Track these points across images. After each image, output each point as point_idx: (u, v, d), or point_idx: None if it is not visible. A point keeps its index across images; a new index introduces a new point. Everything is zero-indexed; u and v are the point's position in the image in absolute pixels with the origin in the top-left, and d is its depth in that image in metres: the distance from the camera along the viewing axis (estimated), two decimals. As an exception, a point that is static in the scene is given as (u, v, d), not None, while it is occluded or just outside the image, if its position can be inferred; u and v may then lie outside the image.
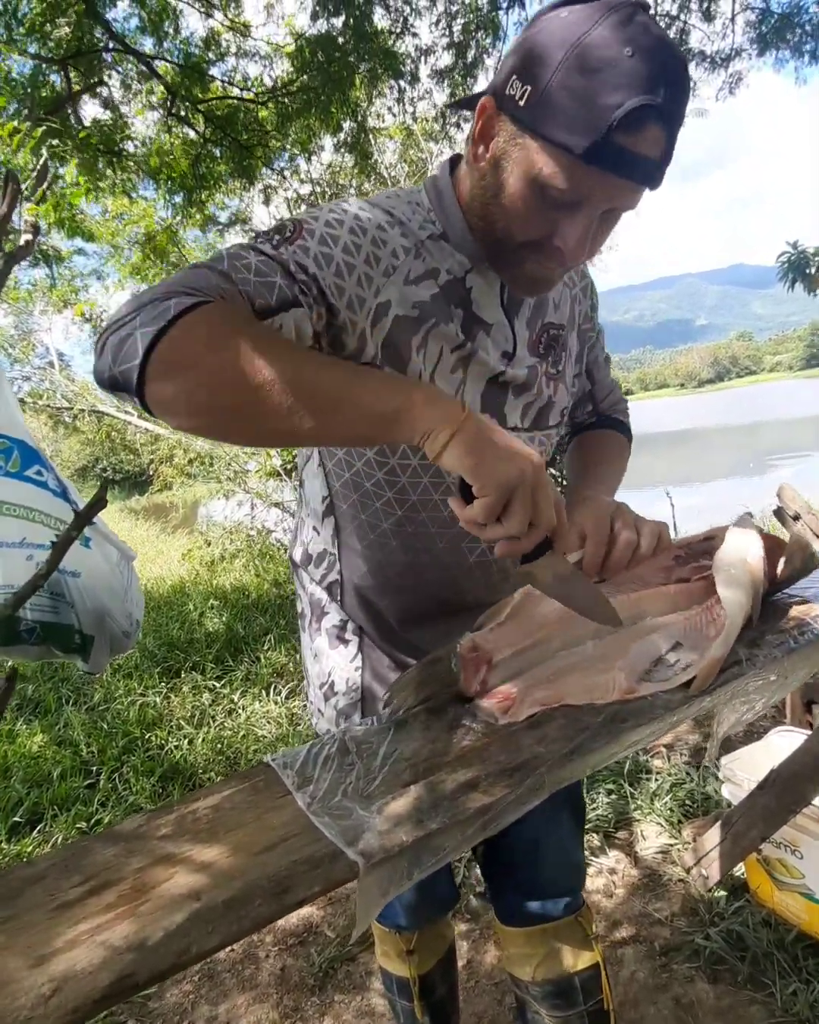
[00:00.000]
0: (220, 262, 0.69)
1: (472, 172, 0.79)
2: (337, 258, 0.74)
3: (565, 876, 1.05)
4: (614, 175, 0.68)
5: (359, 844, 0.53)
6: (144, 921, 0.48)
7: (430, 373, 0.82)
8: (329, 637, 1.01)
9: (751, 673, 0.73)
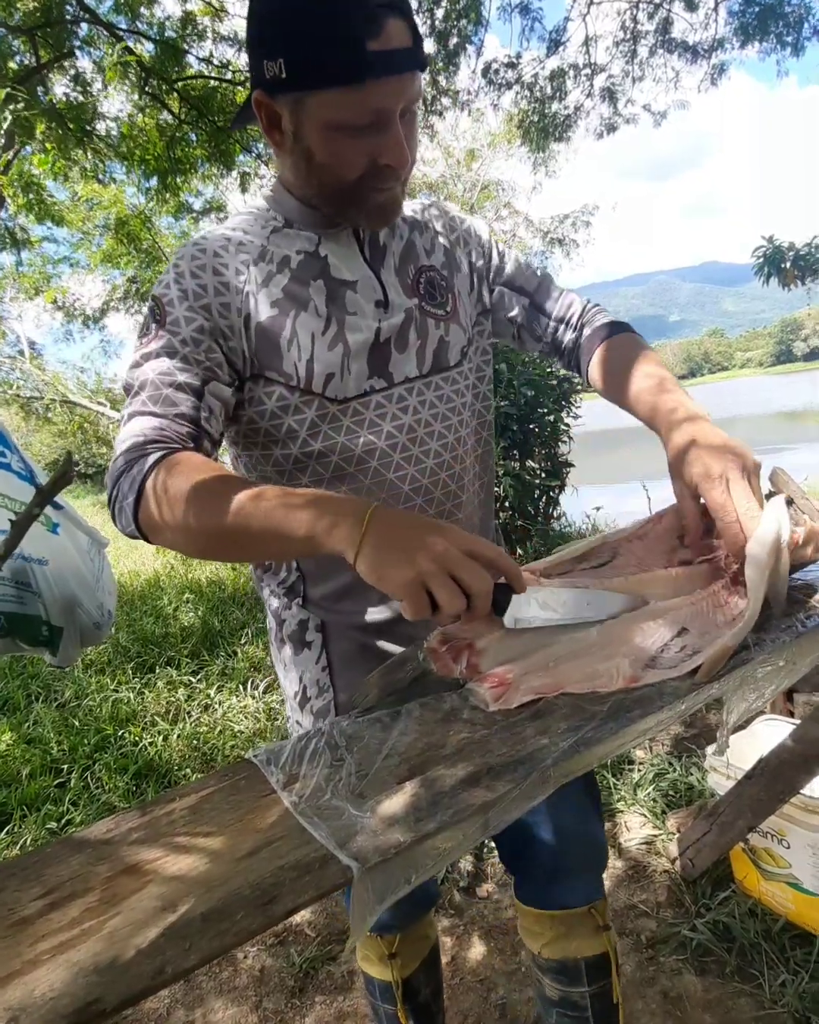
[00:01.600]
0: (141, 403, 0.82)
1: (283, 160, 0.87)
2: (198, 308, 0.84)
3: (585, 863, 1.05)
4: (387, 79, 0.74)
5: (352, 846, 0.48)
6: (113, 938, 0.43)
7: (307, 360, 0.86)
8: (292, 643, 1.02)
9: (759, 659, 0.69)
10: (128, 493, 0.76)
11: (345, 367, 0.88)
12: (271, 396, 0.87)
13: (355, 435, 0.89)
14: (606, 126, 5.12)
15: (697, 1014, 1.42)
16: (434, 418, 0.94)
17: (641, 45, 4.45)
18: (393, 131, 0.79)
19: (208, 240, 0.88)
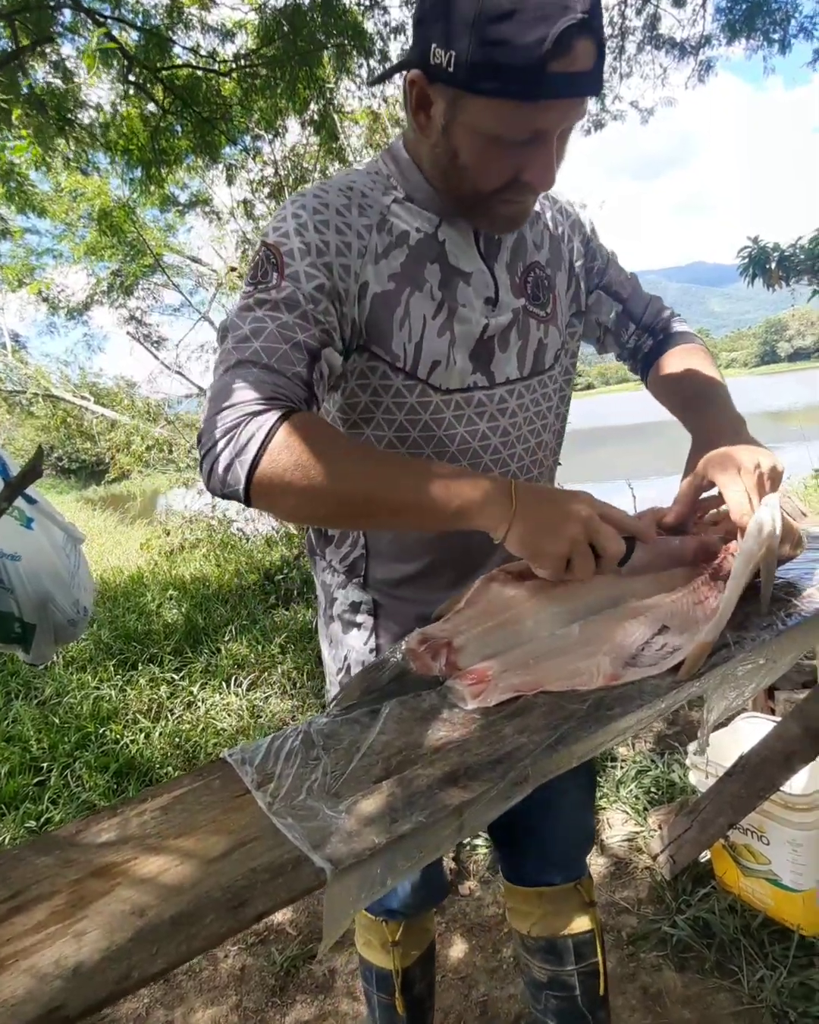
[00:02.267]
0: (254, 352, 0.75)
1: (422, 141, 0.81)
2: (320, 264, 0.79)
3: (575, 844, 1.09)
4: (560, 100, 0.70)
5: (326, 848, 0.47)
6: (79, 943, 0.41)
7: (417, 343, 0.83)
8: (342, 623, 1.01)
9: (740, 657, 0.69)
10: (247, 448, 0.70)
11: (451, 357, 0.86)
12: (375, 372, 0.84)
13: (453, 430, 0.87)
14: (594, 123, 5.13)
15: (677, 1009, 1.43)
16: (525, 421, 0.93)
17: (629, 41, 4.46)
18: (546, 150, 0.74)
19: (329, 194, 0.82)
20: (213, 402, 0.74)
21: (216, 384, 0.76)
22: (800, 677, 2.30)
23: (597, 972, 1.11)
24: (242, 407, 0.72)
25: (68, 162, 4.03)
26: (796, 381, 55.57)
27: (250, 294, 0.79)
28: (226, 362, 0.76)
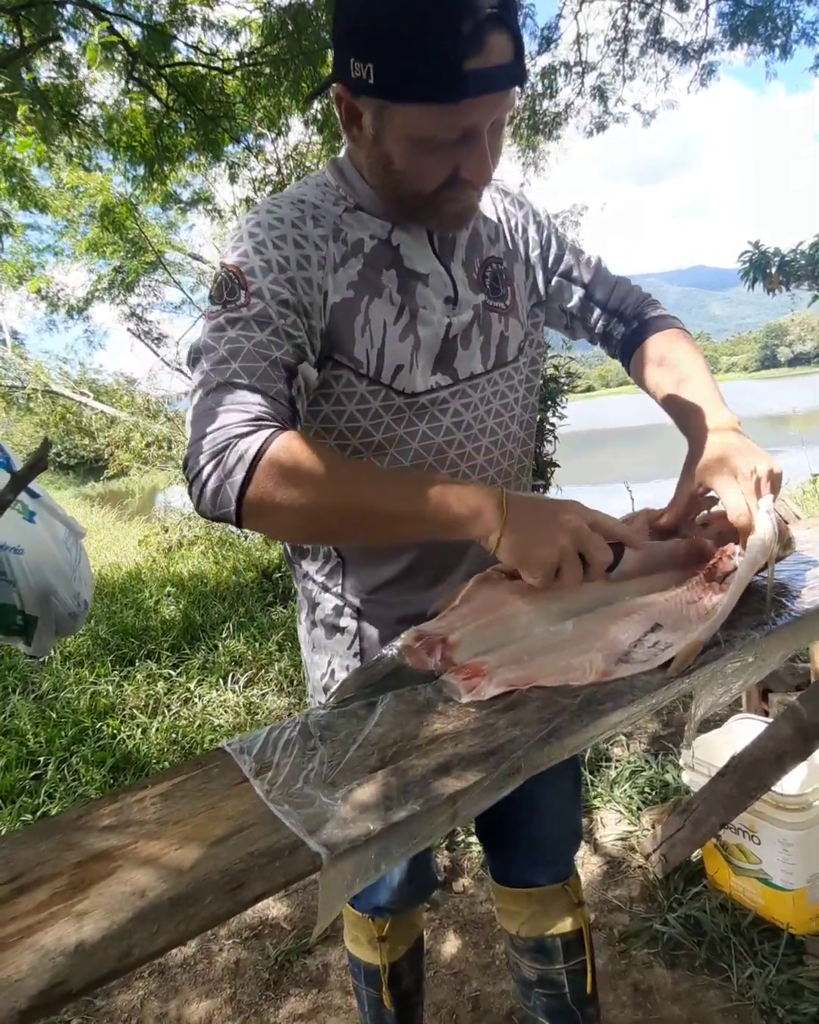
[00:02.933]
0: (234, 372, 0.75)
1: (358, 151, 0.83)
2: (283, 280, 0.79)
3: (562, 839, 1.09)
4: (482, 97, 0.70)
5: (322, 834, 0.49)
6: (80, 922, 0.43)
7: (379, 349, 0.84)
8: (325, 628, 1.01)
9: (729, 655, 0.70)
10: (235, 471, 0.70)
11: (414, 360, 0.86)
12: (338, 380, 0.84)
13: (415, 429, 0.88)
14: (596, 124, 5.15)
15: (667, 1006, 1.44)
16: (490, 414, 0.93)
17: (632, 44, 4.48)
18: (478, 146, 0.75)
19: (282, 209, 0.83)
20: (196, 426, 0.74)
21: (198, 408, 0.75)
22: (794, 679, 2.31)
23: (585, 970, 1.12)
24: (228, 430, 0.72)
25: (71, 158, 4.04)
26: (796, 386, 55.78)
27: (218, 313, 0.79)
28: (206, 385, 0.75)
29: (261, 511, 0.71)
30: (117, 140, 3.73)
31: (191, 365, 0.80)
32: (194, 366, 0.79)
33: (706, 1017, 1.41)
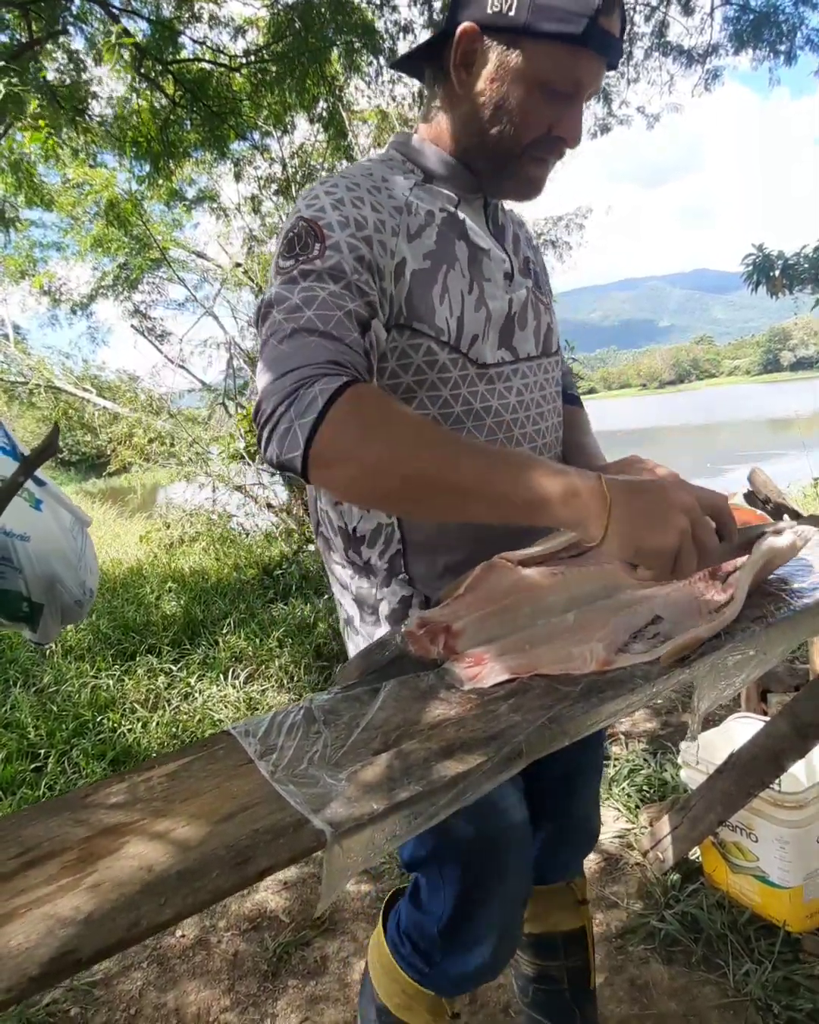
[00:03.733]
0: (308, 320, 0.71)
1: (456, 104, 0.84)
2: (360, 238, 0.77)
3: (584, 847, 1.11)
4: (598, 56, 0.78)
5: (326, 812, 0.50)
6: (90, 894, 0.44)
7: (458, 317, 0.83)
8: (393, 624, 0.92)
9: (729, 647, 0.71)
10: (306, 412, 0.65)
11: (486, 331, 0.86)
12: (418, 350, 0.82)
13: (489, 404, 0.87)
14: (600, 126, 5.16)
15: (663, 1001, 1.45)
16: (545, 399, 0.94)
17: (637, 47, 4.48)
18: (578, 107, 0.81)
19: (357, 176, 0.83)
20: (270, 371, 0.70)
21: (270, 354, 0.71)
22: (793, 680, 2.32)
23: (586, 968, 1.12)
24: (303, 371, 0.68)
25: (76, 154, 4.04)
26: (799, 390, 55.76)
27: (291, 267, 0.76)
28: (279, 332, 0.72)
29: (331, 460, 0.66)
30: (123, 135, 3.74)
31: (260, 321, 0.76)
32: (264, 321, 0.75)
33: (702, 1013, 1.41)
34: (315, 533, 1.01)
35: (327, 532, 0.96)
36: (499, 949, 0.92)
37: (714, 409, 46.10)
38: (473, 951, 0.91)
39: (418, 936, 0.94)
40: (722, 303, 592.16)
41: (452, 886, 0.88)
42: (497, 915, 0.90)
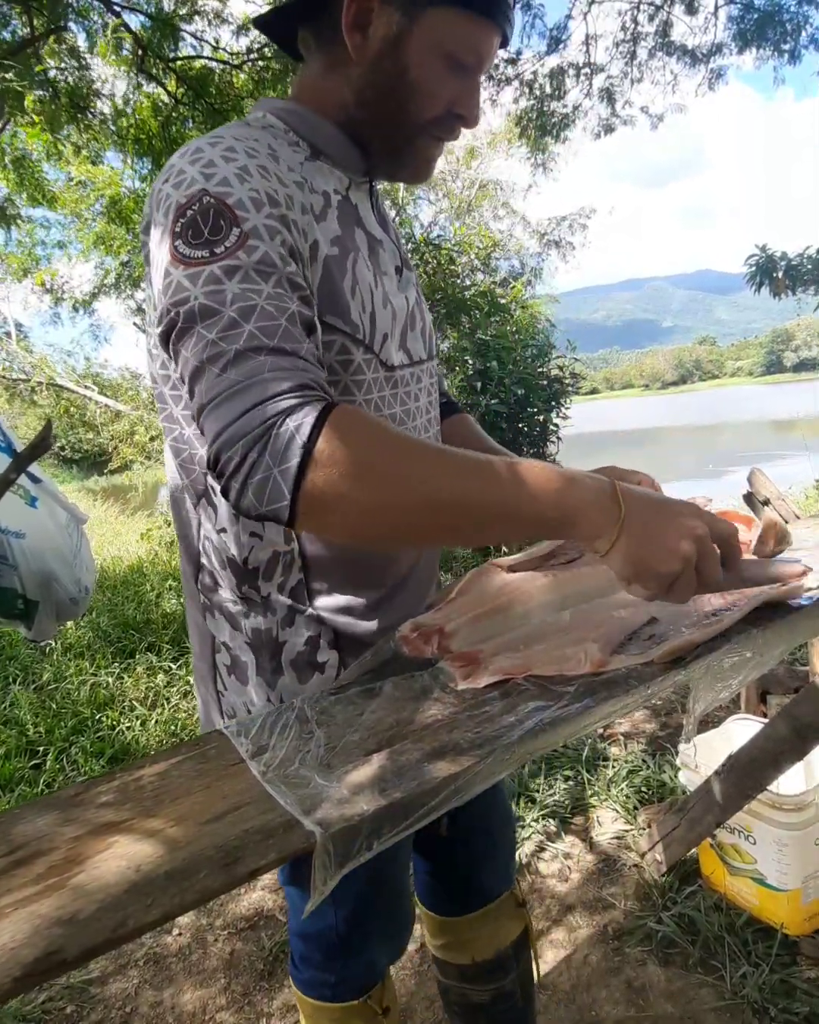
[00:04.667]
0: (251, 336, 0.60)
1: (346, 69, 0.74)
2: (277, 217, 0.66)
3: (512, 846, 1.10)
4: (497, 27, 0.73)
5: (317, 813, 0.49)
6: (76, 894, 0.43)
7: (370, 314, 0.75)
8: (297, 671, 0.79)
9: (725, 648, 0.71)
10: (285, 457, 0.55)
11: (392, 330, 0.78)
12: (331, 347, 0.72)
13: (395, 410, 0.79)
14: (604, 127, 5.15)
15: (659, 1003, 1.44)
16: (430, 405, 0.88)
17: (640, 47, 4.48)
18: (476, 84, 0.75)
19: (251, 140, 0.69)
20: (221, 411, 0.59)
21: (215, 387, 0.59)
22: (793, 681, 2.32)
23: (531, 966, 1.12)
24: (266, 406, 0.57)
25: (79, 150, 4.05)
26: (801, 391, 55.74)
27: (206, 260, 0.62)
28: (219, 358, 0.59)
29: (323, 507, 0.57)
30: (125, 133, 3.74)
31: (177, 336, 0.63)
32: (184, 337, 0.62)
33: (698, 1015, 1.41)
34: (189, 573, 0.83)
35: (210, 565, 0.80)
36: (397, 931, 0.95)
37: (717, 410, 46.10)
38: (371, 947, 0.91)
39: (314, 954, 0.92)
40: (725, 304, 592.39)
41: (345, 900, 0.86)
42: (388, 908, 0.91)
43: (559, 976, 1.53)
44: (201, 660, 0.86)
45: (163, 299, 0.63)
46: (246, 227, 0.63)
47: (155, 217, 0.67)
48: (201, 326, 0.61)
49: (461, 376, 5.29)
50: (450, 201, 12.52)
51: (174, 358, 0.65)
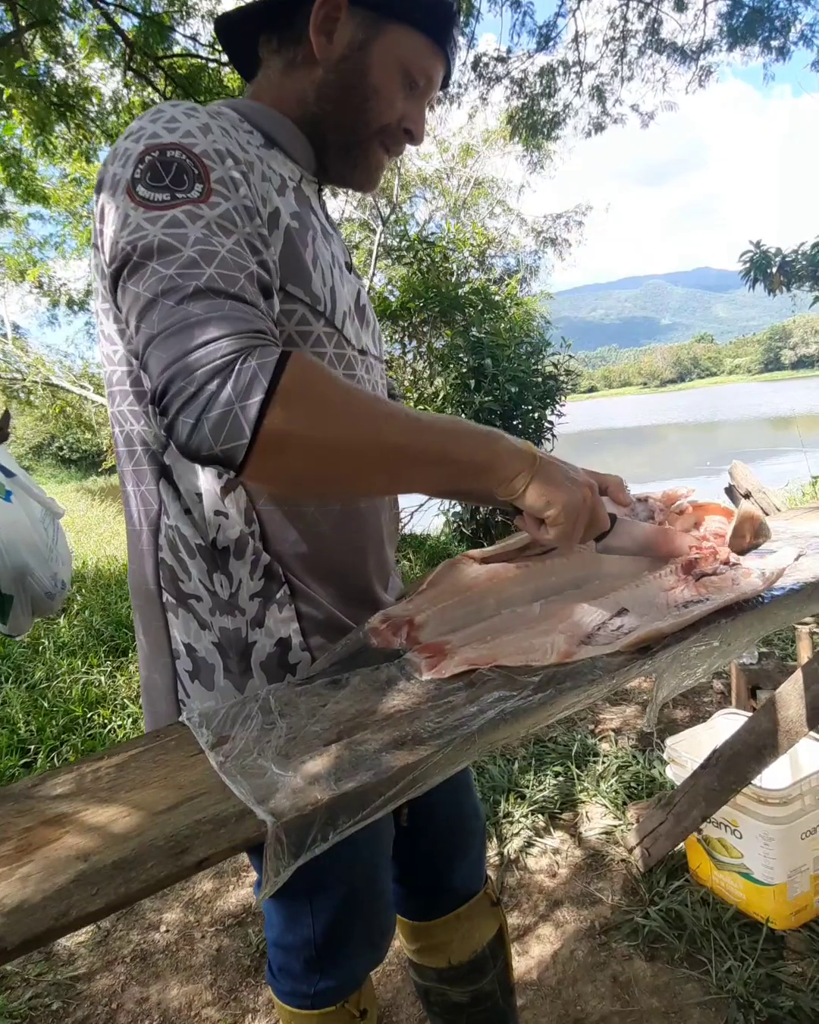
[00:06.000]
0: (211, 279, 0.58)
1: (309, 69, 0.78)
2: (239, 173, 0.66)
3: (479, 839, 1.07)
4: (446, 60, 0.81)
5: (270, 802, 0.49)
6: (21, 884, 0.43)
7: (331, 288, 0.75)
8: (268, 672, 0.76)
9: (693, 638, 0.70)
10: (251, 390, 0.54)
11: (352, 312, 0.79)
12: (291, 316, 0.71)
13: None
14: (594, 125, 5.15)
15: (645, 998, 1.44)
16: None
17: (631, 44, 4.47)
18: (423, 106, 0.82)
19: (217, 113, 0.71)
20: (175, 340, 0.56)
21: (170, 316, 0.57)
22: (783, 676, 2.32)
23: (508, 963, 1.11)
24: (229, 341, 0.56)
25: (71, 150, 4.04)
26: (799, 388, 55.81)
27: (167, 204, 0.60)
28: (177, 291, 0.57)
29: (280, 447, 0.55)
30: (115, 131, 3.73)
31: (129, 274, 0.60)
32: (136, 272, 0.60)
33: (684, 1009, 1.41)
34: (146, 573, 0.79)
35: (174, 558, 0.77)
36: (378, 940, 0.93)
37: (715, 408, 46.12)
38: (350, 957, 0.90)
39: (293, 965, 0.91)
40: (724, 301, 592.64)
41: (323, 911, 0.85)
42: (367, 917, 0.89)
43: (545, 972, 1.53)
44: (157, 671, 0.80)
45: (119, 238, 0.61)
46: (213, 178, 0.63)
47: (110, 171, 0.65)
48: (158, 262, 0.59)
49: (455, 373, 5.28)
50: (446, 199, 12.52)
51: (122, 296, 0.62)
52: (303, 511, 0.77)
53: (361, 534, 0.81)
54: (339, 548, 0.79)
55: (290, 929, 0.88)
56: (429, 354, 6.06)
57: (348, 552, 0.80)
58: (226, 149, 0.66)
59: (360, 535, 0.81)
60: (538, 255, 13.94)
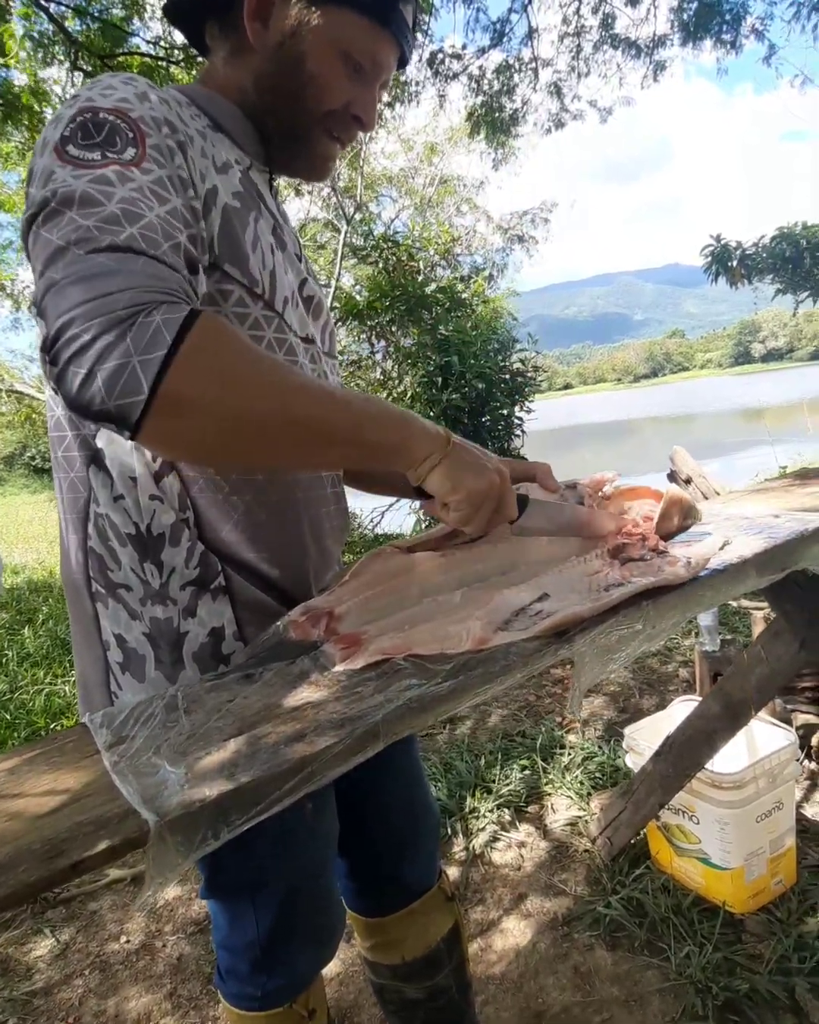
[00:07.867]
0: (131, 237, 0.55)
1: (246, 57, 0.77)
2: (175, 143, 0.65)
3: (433, 832, 1.07)
4: (395, 41, 0.77)
5: (157, 801, 0.47)
6: None
7: (270, 272, 0.73)
8: (201, 663, 0.75)
9: (612, 621, 0.70)
10: (150, 346, 0.51)
11: (295, 298, 0.78)
12: (228, 297, 0.69)
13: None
14: (554, 122, 5.18)
15: (605, 987, 1.44)
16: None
17: (585, 40, 4.51)
18: (374, 90, 0.79)
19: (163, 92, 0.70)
20: (80, 287, 0.52)
21: (76, 263, 0.53)
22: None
23: (463, 960, 1.11)
24: (136, 293, 0.52)
25: (23, 153, 3.97)
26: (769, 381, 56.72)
27: (97, 162, 0.58)
28: (90, 240, 0.54)
29: (179, 408, 0.53)
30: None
31: (43, 220, 0.57)
32: (50, 220, 0.56)
33: (643, 997, 1.41)
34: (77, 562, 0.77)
35: (103, 547, 0.74)
36: (325, 939, 0.91)
37: (687, 402, 46.68)
38: (297, 957, 0.89)
39: (240, 967, 0.90)
40: (694, 297, 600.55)
41: (265, 910, 0.84)
42: (312, 916, 0.88)
43: (508, 965, 1.53)
44: (89, 663, 0.78)
45: (38, 191, 0.58)
46: (149, 143, 0.61)
47: (42, 137, 0.64)
48: (77, 211, 0.56)
49: (422, 372, 5.28)
50: (412, 198, 12.51)
51: (33, 243, 0.58)
52: (240, 499, 0.75)
53: (299, 524, 0.79)
54: (277, 538, 0.77)
55: (235, 930, 0.87)
56: (397, 353, 6.06)
57: (286, 542, 0.78)
58: (164, 118, 0.65)
59: (298, 525, 0.79)
60: (506, 252, 13.99)
